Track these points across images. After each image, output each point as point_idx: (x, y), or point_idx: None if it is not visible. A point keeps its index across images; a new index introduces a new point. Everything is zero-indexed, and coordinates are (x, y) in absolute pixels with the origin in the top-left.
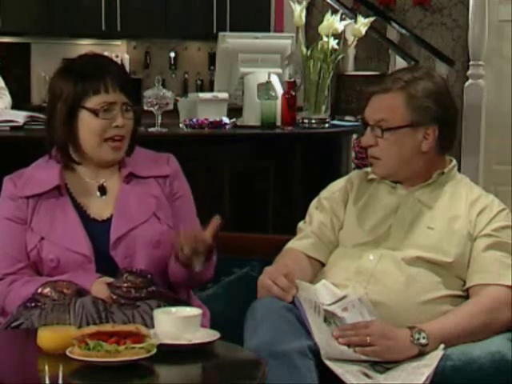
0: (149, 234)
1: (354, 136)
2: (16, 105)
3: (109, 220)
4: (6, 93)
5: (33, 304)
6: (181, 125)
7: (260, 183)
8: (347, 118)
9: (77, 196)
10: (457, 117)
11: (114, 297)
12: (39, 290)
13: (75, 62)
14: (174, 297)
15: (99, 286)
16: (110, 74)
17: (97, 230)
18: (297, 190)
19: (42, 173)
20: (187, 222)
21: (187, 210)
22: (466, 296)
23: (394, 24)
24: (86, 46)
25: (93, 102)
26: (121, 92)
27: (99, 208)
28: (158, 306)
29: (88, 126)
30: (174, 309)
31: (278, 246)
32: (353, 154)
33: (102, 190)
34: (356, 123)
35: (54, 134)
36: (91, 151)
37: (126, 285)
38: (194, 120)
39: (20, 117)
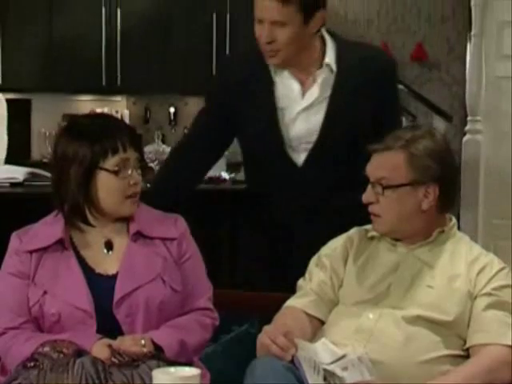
0: (152, 295)
1: None
2: (16, 160)
3: (114, 276)
4: None
5: (32, 364)
6: None
7: None
8: None
9: (82, 250)
10: (458, 176)
11: (116, 361)
12: (39, 350)
13: (83, 123)
14: (174, 361)
15: (100, 348)
16: (122, 133)
17: (101, 285)
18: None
19: (48, 228)
20: (197, 283)
21: (197, 270)
22: (466, 356)
23: None
24: (86, 102)
25: (111, 161)
26: (134, 149)
27: (105, 263)
28: (158, 366)
29: (107, 186)
30: (172, 369)
31: (277, 303)
32: None
33: (109, 245)
34: None
35: (68, 196)
36: (112, 209)
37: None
38: None
39: (20, 173)
